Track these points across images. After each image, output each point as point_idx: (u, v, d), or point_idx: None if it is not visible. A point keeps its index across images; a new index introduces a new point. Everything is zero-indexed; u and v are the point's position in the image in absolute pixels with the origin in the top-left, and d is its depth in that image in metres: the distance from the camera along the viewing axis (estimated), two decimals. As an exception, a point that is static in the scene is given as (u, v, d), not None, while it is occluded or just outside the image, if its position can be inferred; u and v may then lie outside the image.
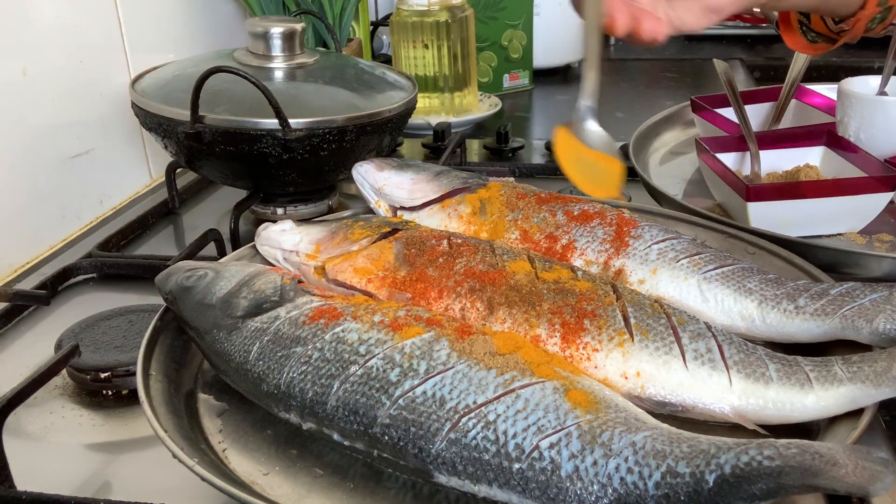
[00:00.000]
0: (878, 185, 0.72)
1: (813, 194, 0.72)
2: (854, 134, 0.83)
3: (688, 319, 0.54)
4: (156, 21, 1.09)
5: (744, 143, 0.84)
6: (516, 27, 1.44)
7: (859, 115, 0.82)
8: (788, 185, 0.77)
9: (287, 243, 0.67)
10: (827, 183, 0.76)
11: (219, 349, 0.55)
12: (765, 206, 0.73)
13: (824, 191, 0.73)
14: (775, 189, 0.74)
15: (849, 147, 0.80)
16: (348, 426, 0.48)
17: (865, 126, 0.82)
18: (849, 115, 0.83)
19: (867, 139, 0.81)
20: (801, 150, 0.84)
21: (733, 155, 0.83)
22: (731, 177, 0.75)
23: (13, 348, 0.70)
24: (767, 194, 0.73)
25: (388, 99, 0.87)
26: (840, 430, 0.48)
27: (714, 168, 0.79)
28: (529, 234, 0.67)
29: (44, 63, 0.88)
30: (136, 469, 0.55)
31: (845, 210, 0.74)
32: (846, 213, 0.74)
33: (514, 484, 0.44)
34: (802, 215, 0.72)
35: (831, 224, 0.72)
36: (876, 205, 0.74)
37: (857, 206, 0.73)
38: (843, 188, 0.73)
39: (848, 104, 0.83)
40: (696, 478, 0.40)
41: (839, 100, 0.85)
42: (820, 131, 0.84)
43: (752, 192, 0.72)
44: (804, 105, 0.95)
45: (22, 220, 0.86)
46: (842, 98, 0.84)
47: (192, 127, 0.78)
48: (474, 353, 0.48)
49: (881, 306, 0.54)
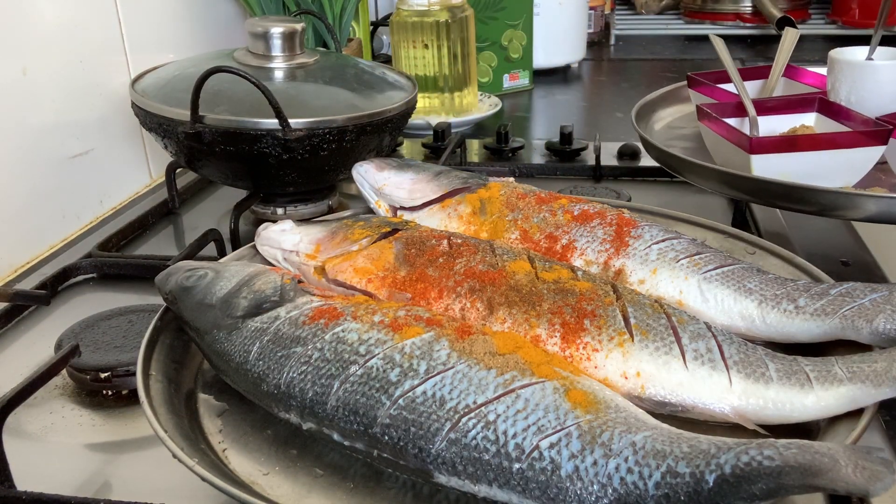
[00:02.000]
0: (871, 139, 0.76)
1: (810, 147, 0.76)
2: (845, 98, 0.86)
3: (688, 319, 0.54)
4: (156, 21, 1.09)
5: (742, 110, 0.86)
6: (516, 27, 1.44)
7: (849, 81, 0.85)
8: (788, 139, 0.80)
9: (287, 243, 0.67)
10: (823, 136, 0.79)
11: (219, 349, 0.55)
12: (766, 159, 0.75)
13: (820, 144, 0.76)
14: (775, 142, 0.78)
15: (840, 110, 0.83)
16: (348, 426, 0.48)
17: (856, 90, 0.85)
18: (839, 80, 0.86)
19: (857, 101, 0.84)
20: (796, 117, 0.87)
21: (732, 120, 0.86)
22: (735, 134, 0.79)
23: (13, 348, 0.70)
24: (769, 147, 0.76)
25: (388, 99, 0.87)
26: (840, 430, 0.48)
27: (716, 129, 0.82)
28: (529, 234, 0.67)
29: (44, 63, 0.88)
30: (136, 469, 0.55)
31: (840, 164, 0.76)
32: (841, 167, 0.77)
33: (514, 484, 0.44)
34: (800, 168, 0.75)
35: (827, 178, 0.75)
36: (869, 159, 0.77)
37: (851, 159, 0.76)
38: (838, 142, 0.76)
39: (838, 70, 0.86)
40: (696, 478, 0.40)
41: (830, 67, 0.88)
42: (812, 99, 0.87)
43: (754, 144, 0.75)
44: (794, 83, 0.97)
45: (22, 220, 0.86)
46: (832, 65, 0.87)
47: (192, 127, 0.78)
48: (474, 353, 0.48)
49: (881, 306, 0.54)
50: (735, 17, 1.87)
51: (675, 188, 0.99)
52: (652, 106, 0.99)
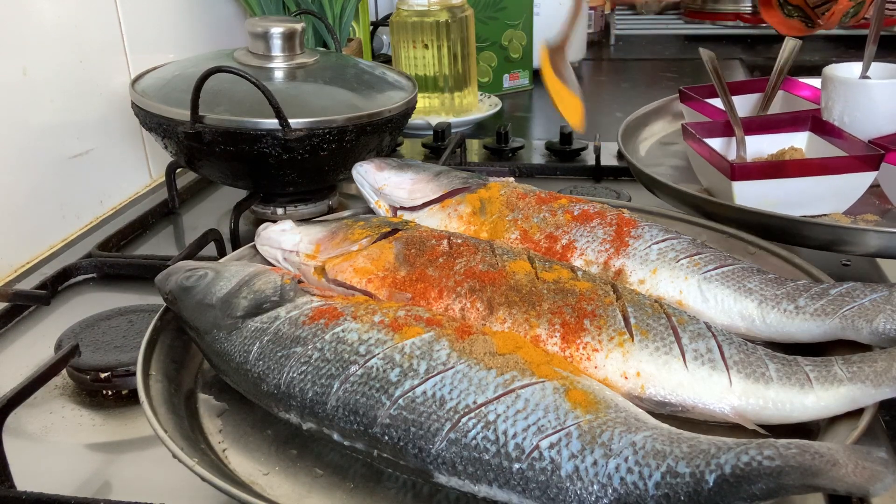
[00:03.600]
0: (862, 164, 0.73)
1: (797, 173, 0.73)
2: (838, 118, 0.84)
3: (688, 319, 0.54)
4: (156, 21, 1.09)
5: (730, 129, 0.84)
6: (516, 27, 1.44)
7: (843, 99, 0.83)
8: (773, 164, 0.77)
9: (287, 243, 0.67)
10: (812, 162, 0.77)
11: (219, 349, 0.55)
12: (750, 185, 0.73)
13: (809, 170, 0.73)
14: (760, 168, 0.75)
15: (833, 130, 0.81)
16: (348, 426, 0.48)
17: (849, 109, 0.83)
18: (833, 99, 0.84)
19: (851, 122, 0.82)
20: (787, 136, 0.85)
21: (719, 140, 0.84)
22: (716, 158, 0.76)
23: (13, 348, 0.70)
24: (752, 173, 0.73)
25: (388, 99, 0.87)
26: (840, 430, 0.48)
27: (699, 151, 0.80)
28: (529, 234, 0.67)
29: (44, 63, 0.88)
30: (136, 469, 0.55)
31: (830, 190, 0.74)
32: (831, 194, 0.74)
33: (514, 484, 0.44)
34: (787, 195, 0.73)
35: (815, 205, 0.73)
36: (860, 184, 0.74)
37: (841, 185, 0.74)
38: (828, 167, 0.73)
39: (832, 88, 0.84)
40: (696, 478, 0.40)
41: (823, 85, 0.86)
42: (805, 117, 0.85)
43: (737, 171, 0.72)
44: (792, 96, 0.96)
45: (22, 220, 0.86)
46: (826, 83, 0.85)
47: (192, 127, 0.78)
48: (474, 353, 0.48)
49: (881, 306, 0.54)
50: (735, 17, 1.87)
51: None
52: (642, 121, 0.98)
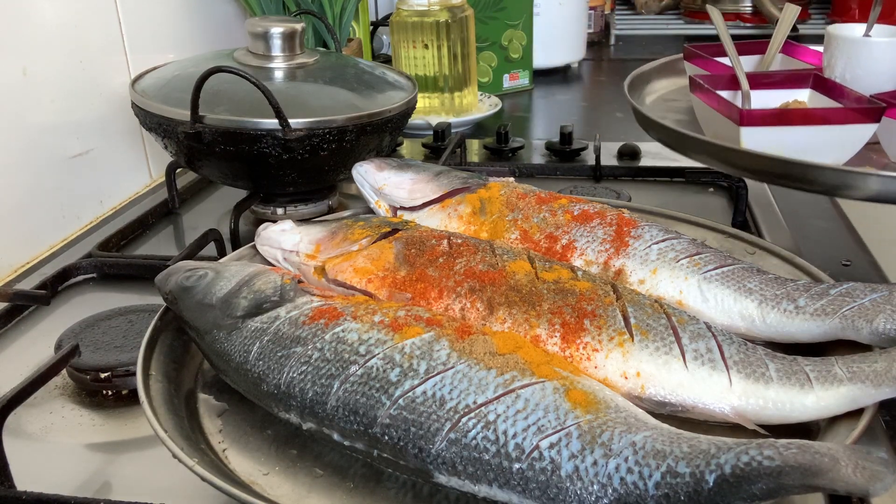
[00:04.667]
0: (864, 116, 0.74)
1: (801, 122, 0.75)
2: (840, 75, 0.84)
3: (688, 319, 0.54)
4: (156, 21, 1.09)
5: (735, 83, 0.85)
6: (516, 27, 1.44)
7: (845, 57, 0.84)
8: (779, 112, 0.79)
9: (287, 243, 0.67)
10: (815, 112, 0.78)
11: (219, 349, 0.55)
12: (756, 131, 0.74)
13: (812, 119, 0.75)
14: (767, 115, 0.77)
15: (834, 86, 0.82)
16: (348, 426, 0.48)
17: (851, 67, 0.83)
18: (835, 56, 0.85)
19: (852, 79, 0.83)
20: (789, 92, 0.86)
21: (725, 93, 0.85)
22: (725, 105, 0.78)
23: (13, 348, 0.70)
24: (759, 119, 0.75)
25: (388, 99, 0.87)
26: (840, 430, 0.48)
27: (707, 101, 0.81)
28: (529, 234, 0.67)
29: (44, 63, 0.88)
30: (136, 469, 0.55)
31: (831, 140, 0.75)
32: (832, 144, 0.75)
33: (514, 484, 0.44)
34: (790, 143, 0.74)
35: (817, 154, 0.74)
36: (861, 136, 0.75)
37: (842, 136, 0.75)
38: (830, 118, 0.75)
39: (834, 46, 0.85)
40: (696, 478, 0.40)
41: (826, 43, 0.87)
42: (807, 74, 0.86)
43: (744, 116, 0.74)
44: (791, 59, 0.97)
45: (22, 220, 0.86)
46: (829, 41, 0.86)
47: (192, 127, 0.78)
48: (474, 353, 0.48)
49: (881, 306, 0.54)
50: (735, 17, 1.87)
51: (675, 188, 0.99)
52: (646, 77, 0.99)
